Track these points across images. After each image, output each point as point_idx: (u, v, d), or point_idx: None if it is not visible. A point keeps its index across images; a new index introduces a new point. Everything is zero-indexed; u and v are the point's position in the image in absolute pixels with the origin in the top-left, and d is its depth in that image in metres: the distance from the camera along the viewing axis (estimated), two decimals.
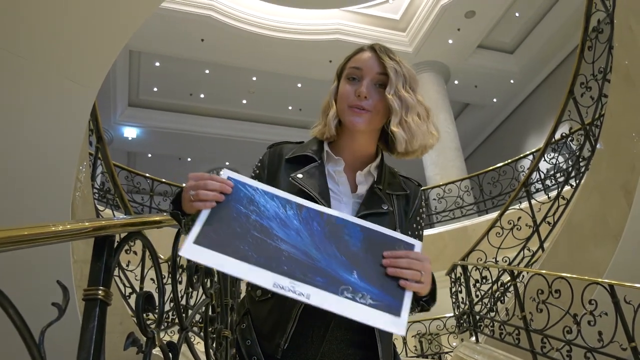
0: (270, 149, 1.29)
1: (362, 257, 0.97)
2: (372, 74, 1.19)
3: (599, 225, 3.86)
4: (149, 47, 11.08)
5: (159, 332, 0.91)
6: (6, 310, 0.59)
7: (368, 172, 1.24)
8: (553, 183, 6.91)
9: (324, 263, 0.93)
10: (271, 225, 0.94)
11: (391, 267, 0.96)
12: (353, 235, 0.99)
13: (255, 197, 0.96)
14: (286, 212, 0.97)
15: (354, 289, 0.91)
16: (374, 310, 0.90)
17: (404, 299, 0.95)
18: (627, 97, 3.60)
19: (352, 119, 1.16)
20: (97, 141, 4.30)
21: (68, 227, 0.73)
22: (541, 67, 12.79)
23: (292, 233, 0.94)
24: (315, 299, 0.88)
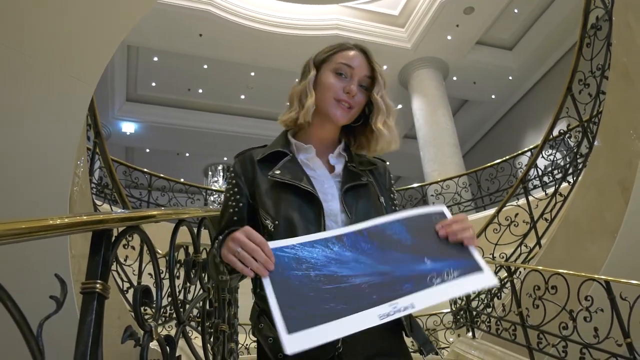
0: (239, 157, 1.31)
1: (419, 244, 1.01)
2: (361, 75, 1.27)
3: (596, 222, 3.87)
4: (147, 42, 11.04)
5: (156, 326, 0.91)
6: (4, 303, 0.59)
7: (339, 154, 1.31)
8: (550, 180, 6.91)
9: (399, 270, 0.96)
10: (333, 271, 0.94)
11: (451, 235, 1.03)
12: (397, 232, 1.02)
13: (299, 254, 0.95)
14: (333, 250, 0.97)
15: (437, 273, 0.96)
16: (464, 278, 0.96)
17: (475, 256, 1.02)
18: (625, 94, 3.61)
19: (337, 112, 1.24)
20: (95, 136, 4.30)
21: (66, 220, 0.74)
22: (539, 64, 12.79)
23: (353, 264, 0.95)
24: (420, 303, 0.91)
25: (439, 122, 11.17)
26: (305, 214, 1.15)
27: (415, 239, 1.02)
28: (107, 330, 0.91)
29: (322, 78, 1.28)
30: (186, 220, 1.25)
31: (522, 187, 5.24)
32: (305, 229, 1.12)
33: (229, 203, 1.24)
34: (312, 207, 1.16)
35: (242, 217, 1.22)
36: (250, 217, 1.23)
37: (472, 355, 4.57)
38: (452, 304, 5.80)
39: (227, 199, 1.25)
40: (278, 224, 1.14)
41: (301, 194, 1.17)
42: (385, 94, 1.28)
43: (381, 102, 1.25)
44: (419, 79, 11.90)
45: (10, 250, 0.76)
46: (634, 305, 2.94)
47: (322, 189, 1.21)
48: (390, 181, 1.38)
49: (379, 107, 1.25)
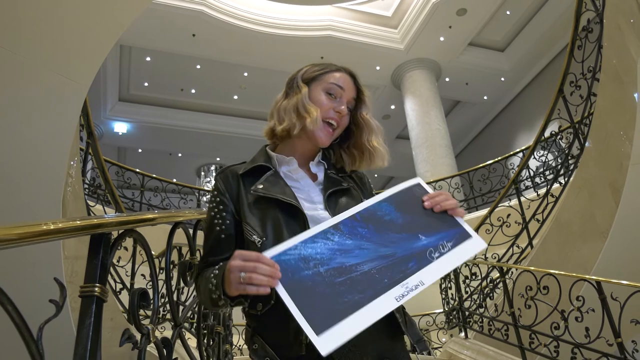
0: (220, 175, 1.30)
1: (410, 221, 1.06)
2: (349, 96, 1.32)
3: (587, 223, 3.91)
4: (139, 41, 11.01)
5: (153, 328, 0.92)
6: (5, 307, 0.59)
7: (319, 162, 1.34)
8: (542, 181, 6.97)
9: (400, 250, 0.99)
10: (340, 262, 0.95)
11: (436, 206, 1.09)
12: (387, 212, 1.07)
13: (304, 253, 0.95)
14: (334, 240, 0.99)
15: (434, 247, 1.01)
16: (457, 248, 1.02)
17: (461, 223, 1.08)
18: (616, 96, 3.64)
19: (322, 135, 1.28)
20: (88, 136, 4.29)
21: (68, 224, 0.74)
22: (531, 65, 12.86)
23: (357, 252, 0.97)
24: (427, 279, 0.95)
25: (432, 123, 11.21)
26: (291, 227, 1.14)
27: (406, 216, 1.07)
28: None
29: (313, 95, 1.30)
30: (182, 223, 1.26)
31: (514, 188, 5.27)
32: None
33: (215, 222, 1.22)
34: (297, 219, 1.16)
35: (229, 234, 1.21)
36: (237, 233, 1.22)
37: (465, 355, 4.59)
38: (444, 304, 5.83)
39: (211, 217, 1.22)
40: (265, 240, 1.14)
41: (285, 207, 1.17)
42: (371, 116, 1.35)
43: (370, 121, 1.32)
44: (412, 79, 11.93)
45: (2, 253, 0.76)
46: (625, 305, 2.97)
47: (308, 197, 1.23)
48: (370, 185, 1.41)
49: (370, 127, 1.31)
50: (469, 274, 5.11)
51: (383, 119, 14.17)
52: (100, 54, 2.95)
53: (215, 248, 1.20)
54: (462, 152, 16.05)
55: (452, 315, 5.54)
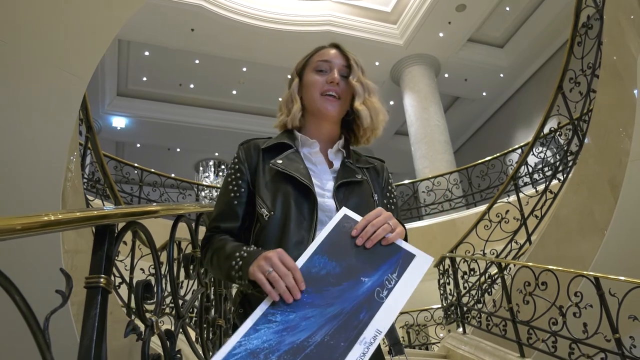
0: (243, 145, 1.35)
1: (348, 266, 0.99)
2: (339, 65, 1.35)
3: (586, 219, 3.92)
4: (138, 36, 10.98)
5: (157, 320, 0.92)
6: (12, 296, 0.60)
7: (337, 150, 1.36)
8: (541, 177, 6.98)
9: (347, 304, 0.94)
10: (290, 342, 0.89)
11: (368, 242, 1.03)
12: (321, 265, 1.00)
13: (250, 347, 0.88)
14: (277, 321, 0.92)
15: (379, 286, 0.95)
16: (404, 276, 0.97)
17: (401, 245, 1.02)
18: (615, 92, 3.65)
19: (325, 106, 1.31)
20: (87, 131, 4.28)
21: (75, 215, 0.74)
22: (530, 61, 12.86)
23: (304, 324, 0.91)
24: (383, 326, 0.91)
25: (431, 118, 11.21)
26: (300, 208, 1.18)
27: (342, 262, 1.00)
28: None
29: (306, 79, 1.37)
30: (185, 216, 1.26)
31: (512, 184, 5.28)
32: (297, 222, 1.16)
33: (230, 187, 1.26)
34: (308, 201, 1.19)
35: (241, 202, 1.25)
36: (249, 203, 1.25)
37: (463, 350, 4.61)
38: (443, 300, 5.84)
39: (228, 182, 1.27)
40: (273, 214, 1.17)
41: (299, 186, 1.20)
42: (362, 76, 1.34)
43: (357, 85, 1.31)
44: (411, 75, 11.92)
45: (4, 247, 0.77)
46: (623, 301, 2.98)
47: (319, 183, 1.25)
48: (388, 180, 1.41)
49: (356, 90, 1.31)
50: (468, 270, 5.12)
51: None
52: (100, 47, 2.94)
53: (226, 213, 1.24)
54: (460, 148, 16.06)
55: (450, 310, 5.56)
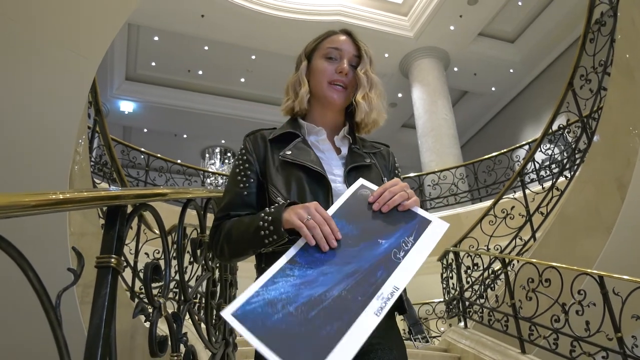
0: (250, 136, 1.35)
1: (366, 228, 1.02)
2: (349, 55, 1.34)
3: (592, 217, 3.91)
4: (148, 21, 10.96)
5: (165, 302, 0.93)
6: (26, 273, 0.60)
7: (343, 136, 1.36)
8: (547, 174, 6.96)
9: (364, 263, 0.95)
10: (308, 295, 0.90)
11: (384, 207, 1.05)
12: (339, 227, 1.01)
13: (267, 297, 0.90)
14: (295, 275, 0.94)
15: (397, 247, 0.97)
16: (420, 239, 0.99)
17: (417, 212, 1.05)
18: (627, 90, 3.62)
19: (332, 95, 1.30)
20: (96, 114, 4.29)
21: (89, 194, 0.75)
22: (541, 57, 12.77)
23: (322, 279, 0.93)
24: (401, 282, 0.92)
25: (439, 112, 11.16)
26: (315, 193, 1.19)
27: (359, 225, 1.03)
28: None
29: (315, 65, 1.35)
30: (194, 200, 1.27)
31: (519, 180, 5.26)
32: None
33: (238, 178, 1.26)
34: (321, 187, 1.20)
35: (251, 192, 1.24)
36: (258, 194, 1.25)
37: (463, 344, 4.62)
38: (445, 293, 5.85)
39: (236, 173, 1.27)
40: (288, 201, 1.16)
41: (311, 174, 1.21)
42: (370, 69, 1.33)
43: (363, 77, 1.30)
44: (420, 68, 11.86)
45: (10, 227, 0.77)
46: (626, 300, 2.98)
47: (329, 169, 1.25)
48: (395, 164, 1.43)
49: (360, 82, 1.30)
50: (471, 265, 5.13)
51: (390, 107, 14.06)
52: (112, 29, 2.94)
53: (235, 203, 1.23)
54: (467, 142, 16.01)
55: (452, 304, 5.57)
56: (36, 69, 2.62)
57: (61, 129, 2.83)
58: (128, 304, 3.50)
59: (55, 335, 0.64)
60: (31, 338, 2.36)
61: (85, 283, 2.38)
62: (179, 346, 1.03)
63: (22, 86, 2.59)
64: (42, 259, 2.35)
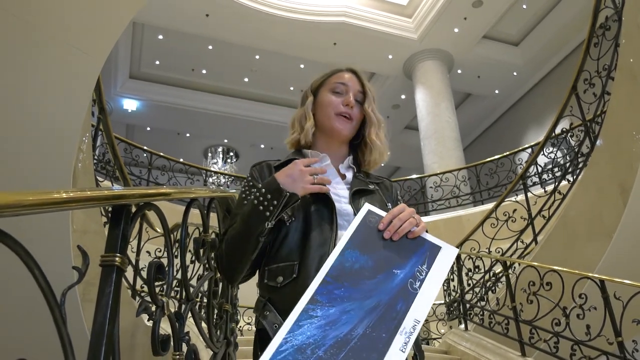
0: (255, 167, 1.38)
1: (379, 259, 1.03)
2: (355, 90, 1.39)
3: (594, 222, 3.90)
4: (152, 19, 10.98)
5: (167, 301, 0.93)
6: (32, 271, 0.61)
7: (348, 165, 1.40)
8: (550, 177, 6.95)
9: (383, 296, 0.96)
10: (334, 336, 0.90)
11: (395, 234, 1.07)
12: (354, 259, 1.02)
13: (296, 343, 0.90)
14: (318, 316, 0.94)
15: (412, 278, 0.99)
16: (433, 267, 1.01)
17: (427, 239, 1.06)
18: (631, 95, 3.62)
19: (339, 126, 1.35)
20: (99, 112, 4.30)
21: (96, 193, 0.75)
22: (545, 61, 12.76)
23: (344, 318, 0.93)
24: (421, 315, 0.94)
25: (442, 114, 11.16)
26: (320, 212, 1.22)
27: (373, 256, 1.03)
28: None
29: (321, 98, 1.41)
30: (197, 200, 1.28)
31: (521, 183, 5.26)
32: (319, 225, 1.20)
33: (245, 203, 1.25)
34: (326, 207, 1.23)
35: None
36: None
37: (464, 347, 4.62)
38: (446, 296, 5.85)
39: (242, 198, 1.29)
40: (294, 220, 1.21)
41: (316, 197, 1.23)
42: (375, 108, 1.40)
43: (372, 115, 1.37)
44: (424, 70, 11.86)
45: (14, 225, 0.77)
46: (627, 305, 2.98)
47: (334, 191, 1.27)
48: (397, 197, 1.43)
49: (370, 119, 1.37)
50: (472, 267, 5.13)
51: (393, 109, 14.11)
52: (118, 28, 2.95)
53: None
54: (470, 145, 16.00)
55: (452, 307, 5.57)
56: (41, 66, 2.63)
57: (65, 126, 2.84)
58: (129, 302, 3.50)
59: (60, 334, 0.65)
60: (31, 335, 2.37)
61: (87, 281, 2.39)
62: (181, 345, 1.03)
63: (27, 83, 2.60)
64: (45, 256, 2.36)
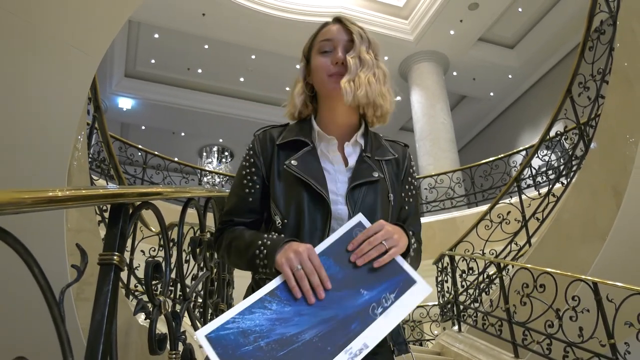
0: (259, 134, 1.29)
1: (351, 274, 0.99)
2: (343, 42, 1.25)
3: (587, 224, 3.92)
4: (149, 18, 10.95)
5: (164, 300, 0.94)
6: (31, 269, 0.61)
7: (355, 142, 1.27)
8: (544, 180, 6.97)
9: (341, 311, 0.94)
10: (281, 333, 0.90)
11: (360, 260, 1.00)
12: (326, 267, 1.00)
13: (242, 326, 0.90)
14: (272, 309, 0.94)
15: (376, 302, 0.95)
16: (400, 299, 0.96)
17: (405, 268, 1.00)
18: (624, 99, 3.64)
19: (335, 87, 1.20)
20: (95, 110, 4.28)
21: (95, 192, 0.75)
22: (540, 64, 12.82)
23: (297, 319, 0.93)
24: (371, 341, 0.91)
25: (437, 116, 11.19)
26: (313, 217, 1.15)
27: (345, 269, 1.00)
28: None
29: (313, 62, 1.28)
30: (194, 199, 1.27)
31: (515, 186, 5.28)
32: (310, 233, 1.14)
33: (244, 182, 1.23)
34: (322, 210, 1.15)
35: (255, 199, 1.22)
36: (264, 197, 1.22)
37: (457, 348, 4.64)
38: (440, 297, 5.87)
39: (242, 176, 1.24)
40: (286, 222, 1.16)
41: (313, 193, 1.16)
42: (364, 50, 1.24)
43: (352, 61, 1.20)
44: (419, 71, 11.89)
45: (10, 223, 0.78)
46: (620, 307, 3.00)
47: (334, 188, 1.20)
48: (409, 170, 1.33)
49: (349, 66, 1.20)
50: (466, 269, 5.14)
51: None
52: (114, 27, 2.95)
53: (239, 208, 1.22)
54: (465, 147, 16.06)
55: (446, 308, 5.58)
56: (37, 64, 2.63)
57: (61, 124, 2.83)
58: (123, 300, 3.50)
59: (58, 331, 0.65)
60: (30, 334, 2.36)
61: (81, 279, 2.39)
62: (177, 344, 1.04)
63: (23, 81, 2.59)
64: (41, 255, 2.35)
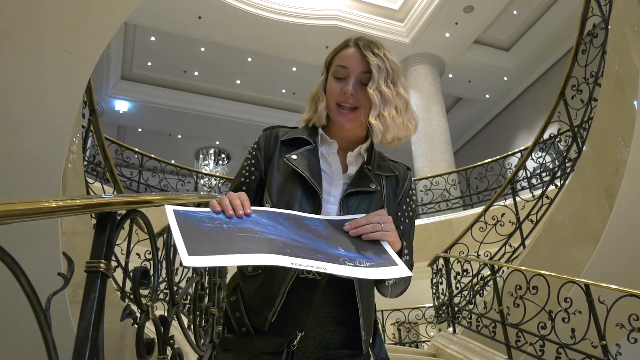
0: (267, 131, 1.33)
1: (335, 238, 1.01)
2: (357, 72, 1.23)
3: (580, 227, 3.95)
4: (145, 21, 10.96)
5: (152, 306, 0.95)
6: (18, 277, 0.62)
7: (358, 154, 1.28)
8: (539, 182, 7.01)
9: (314, 245, 0.95)
10: (248, 227, 0.92)
11: (354, 231, 1.03)
12: (316, 225, 1.03)
13: (213, 215, 0.93)
14: (252, 216, 0.97)
15: (350, 259, 0.94)
16: (377, 269, 0.94)
17: (388, 251, 1.01)
18: (617, 102, 3.67)
19: (339, 119, 1.24)
20: (90, 114, 4.29)
21: (77, 202, 0.77)
22: (535, 66, 12.87)
23: (270, 228, 0.94)
24: (332, 269, 0.89)
25: (433, 118, 11.22)
26: (303, 207, 1.16)
27: (331, 234, 1.02)
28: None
29: (328, 85, 1.28)
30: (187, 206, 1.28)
31: (510, 188, 5.31)
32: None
33: (243, 172, 1.29)
34: (312, 204, 1.17)
35: (250, 189, 1.26)
36: (259, 190, 1.27)
37: (452, 350, 4.65)
38: (435, 299, 5.89)
39: (243, 167, 1.30)
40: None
41: (307, 187, 1.18)
42: (384, 83, 1.21)
43: (375, 95, 1.19)
44: (415, 74, 11.92)
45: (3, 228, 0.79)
46: (612, 309, 3.02)
47: (328, 189, 1.22)
48: (409, 192, 1.34)
49: (372, 102, 1.19)
50: (461, 271, 5.16)
51: None
52: (109, 32, 2.96)
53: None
54: (461, 149, 16.09)
55: (441, 310, 5.60)
56: (33, 69, 2.64)
57: (56, 128, 2.84)
58: (119, 304, 3.50)
59: (44, 338, 0.66)
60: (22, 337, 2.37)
61: (76, 283, 2.40)
62: (166, 349, 1.05)
63: (18, 86, 2.60)
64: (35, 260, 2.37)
